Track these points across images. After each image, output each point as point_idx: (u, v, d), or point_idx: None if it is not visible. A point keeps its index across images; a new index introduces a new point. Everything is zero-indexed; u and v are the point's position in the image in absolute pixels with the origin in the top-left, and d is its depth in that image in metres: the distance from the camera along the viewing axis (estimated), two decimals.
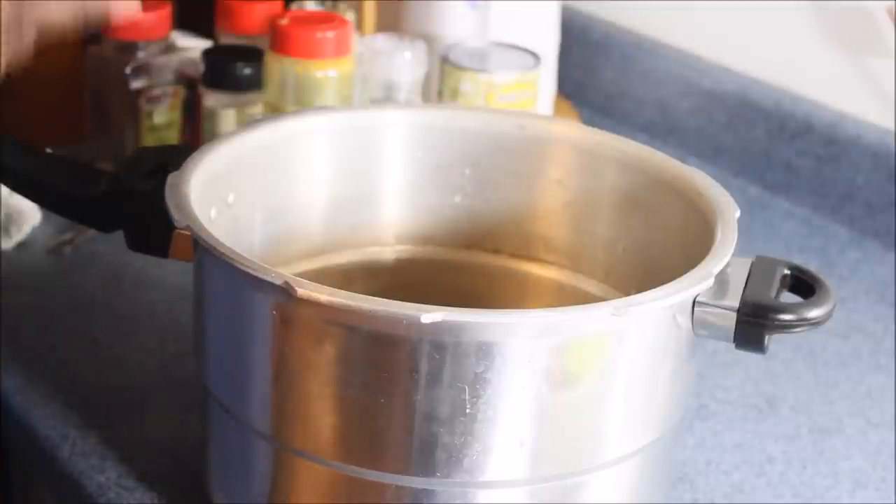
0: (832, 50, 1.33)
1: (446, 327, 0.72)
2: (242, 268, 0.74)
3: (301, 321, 0.75)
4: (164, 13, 1.25)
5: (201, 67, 1.21)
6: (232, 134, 0.89)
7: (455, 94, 1.20)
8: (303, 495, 0.79)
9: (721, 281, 0.78)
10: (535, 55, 1.23)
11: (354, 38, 1.20)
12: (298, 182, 0.93)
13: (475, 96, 1.19)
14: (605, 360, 0.76)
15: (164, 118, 1.25)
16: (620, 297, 0.77)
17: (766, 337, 0.78)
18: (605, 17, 1.53)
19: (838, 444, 1.00)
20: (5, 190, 1.12)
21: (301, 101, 1.17)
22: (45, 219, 1.19)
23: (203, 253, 0.80)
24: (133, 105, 1.24)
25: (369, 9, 1.31)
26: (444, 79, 1.21)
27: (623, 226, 0.91)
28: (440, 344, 0.72)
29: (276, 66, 1.17)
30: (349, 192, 0.95)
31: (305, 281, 0.73)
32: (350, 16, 1.26)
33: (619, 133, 0.93)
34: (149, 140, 1.26)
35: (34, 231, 1.18)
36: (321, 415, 0.76)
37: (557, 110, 1.39)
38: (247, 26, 1.27)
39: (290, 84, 1.16)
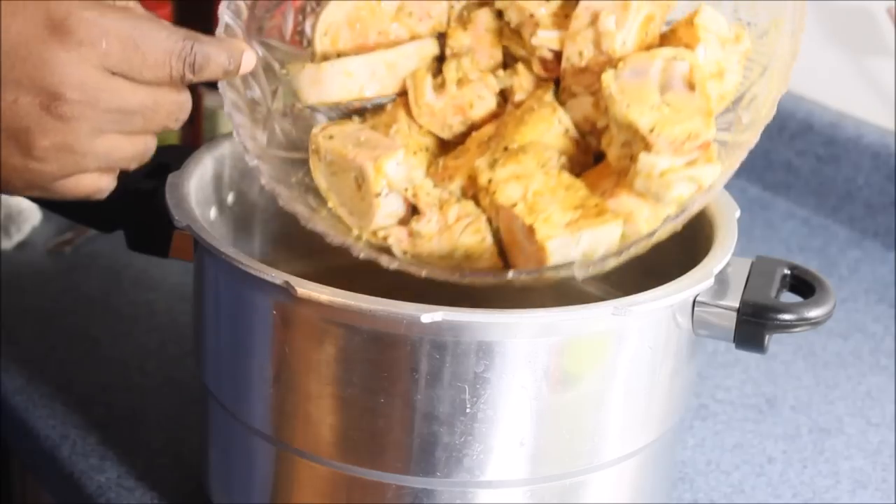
0: (832, 50, 1.33)
1: (446, 327, 0.72)
2: (242, 268, 0.74)
3: (301, 321, 0.75)
4: (164, 13, 1.25)
5: None
6: (232, 134, 0.89)
7: None
8: (303, 495, 0.79)
9: (721, 281, 0.78)
10: None
11: None
12: None
13: None
14: (604, 360, 0.76)
15: None
16: (620, 296, 0.77)
17: (766, 337, 0.78)
18: None
19: (838, 444, 1.00)
20: None
21: None
22: (45, 219, 1.19)
23: (203, 253, 0.80)
24: None
25: None
26: None
27: None
28: (440, 344, 0.72)
29: None
30: None
31: (305, 281, 0.73)
32: None
33: None
34: None
35: (34, 231, 1.18)
36: (321, 415, 0.76)
37: None
38: None
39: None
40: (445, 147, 0.85)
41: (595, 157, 0.82)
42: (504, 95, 0.84)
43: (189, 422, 0.95)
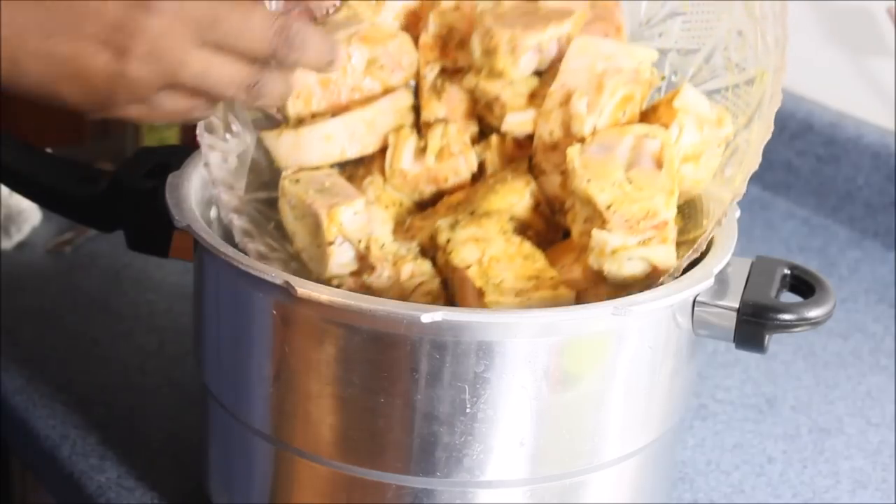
0: (832, 50, 1.33)
1: (446, 327, 0.72)
2: (243, 267, 0.74)
3: (301, 321, 0.75)
4: None
5: None
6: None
7: None
8: (303, 495, 0.79)
9: (721, 281, 0.78)
10: None
11: None
12: None
13: None
14: (604, 360, 0.76)
15: None
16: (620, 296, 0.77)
17: (766, 337, 0.78)
18: None
19: (838, 444, 1.00)
20: (5, 190, 1.12)
21: None
22: (45, 219, 1.19)
23: (203, 253, 0.80)
24: None
25: None
26: None
27: None
28: (440, 343, 0.72)
29: None
30: None
31: (305, 281, 0.73)
32: None
33: None
34: (149, 140, 1.26)
35: (34, 231, 1.18)
36: (321, 415, 0.76)
37: None
38: None
39: None
40: (419, 204, 0.84)
41: (564, 235, 0.81)
42: (480, 167, 0.83)
43: (189, 422, 0.95)
